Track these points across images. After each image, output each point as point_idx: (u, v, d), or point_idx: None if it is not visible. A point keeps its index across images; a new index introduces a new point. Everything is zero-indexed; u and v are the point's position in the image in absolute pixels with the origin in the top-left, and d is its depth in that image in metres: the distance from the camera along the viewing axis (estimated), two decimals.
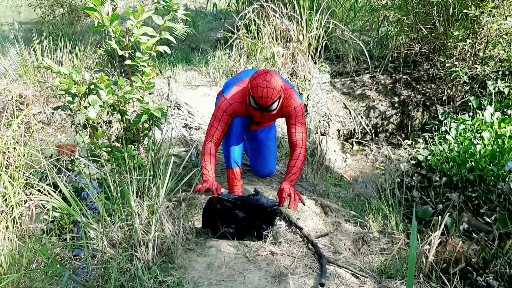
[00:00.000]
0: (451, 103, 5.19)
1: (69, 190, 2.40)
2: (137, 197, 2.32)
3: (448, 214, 2.88)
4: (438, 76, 5.30)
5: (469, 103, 4.84)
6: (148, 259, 2.13)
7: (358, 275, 2.29)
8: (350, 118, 4.89)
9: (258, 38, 5.01)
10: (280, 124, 3.95)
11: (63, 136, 3.71)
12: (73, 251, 2.61)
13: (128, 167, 2.54)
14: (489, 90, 4.60)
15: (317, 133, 4.22)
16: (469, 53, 4.96)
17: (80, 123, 3.07)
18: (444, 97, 5.24)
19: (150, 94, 4.48)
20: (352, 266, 2.38)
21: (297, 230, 2.64)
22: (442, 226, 2.43)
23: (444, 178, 3.66)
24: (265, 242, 2.46)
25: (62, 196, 2.44)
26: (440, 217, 2.86)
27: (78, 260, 2.54)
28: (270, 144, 3.20)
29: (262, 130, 3.15)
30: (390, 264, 2.46)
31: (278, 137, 3.78)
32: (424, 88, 5.33)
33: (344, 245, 2.63)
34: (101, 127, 3.17)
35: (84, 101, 3.11)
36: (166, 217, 2.29)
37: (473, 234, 2.93)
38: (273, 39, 4.94)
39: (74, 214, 2.30)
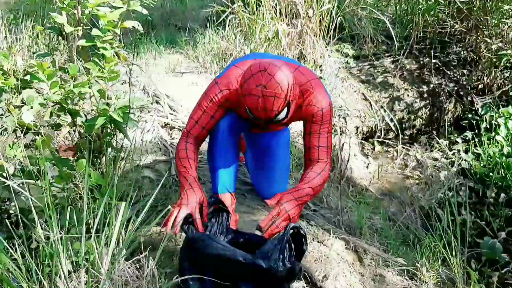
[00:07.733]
0: (489, 93, 4.37)
1: None
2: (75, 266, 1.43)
3: None
4: (474, 60, 4.46)
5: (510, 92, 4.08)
6: None
7: None
8: (370, 112, 4.01)
9: (257, 13, 4.13)
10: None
11: None
12: None
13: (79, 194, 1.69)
14: None
15: (335, 132, 3.34)
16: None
17: (10, 130, 2.17)
18: (480, 86, 4.42)
19: (122, 84, 3.59)
20: None
21: None
22: None
23: (502, 195, 2.83)
24: None
25: None
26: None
27: None
28: (280, 152, 2.31)
29: (269, 132, 2.25)
30: None
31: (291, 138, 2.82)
32: (456, 75, 4.48)
33: None
34: (41, 134, 2.27)
35: (17, 98, 2.22)
36: None
37: None
38: (276, 14, 4.07)
39: None
